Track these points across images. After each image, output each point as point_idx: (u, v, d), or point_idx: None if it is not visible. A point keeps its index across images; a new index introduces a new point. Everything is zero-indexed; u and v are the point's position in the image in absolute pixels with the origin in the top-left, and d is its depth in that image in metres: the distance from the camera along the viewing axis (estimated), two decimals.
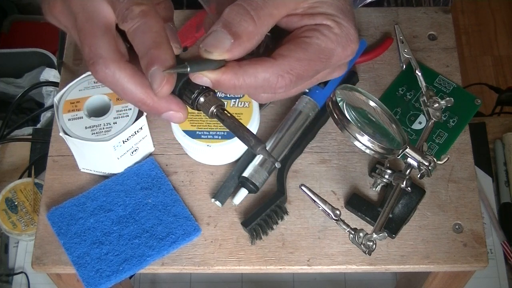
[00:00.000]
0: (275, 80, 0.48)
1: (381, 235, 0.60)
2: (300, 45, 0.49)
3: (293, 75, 0.49)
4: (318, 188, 0.70)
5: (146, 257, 0.66)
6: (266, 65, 0.48)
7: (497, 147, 0.99)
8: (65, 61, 0.79)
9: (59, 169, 0.72)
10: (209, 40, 0.47)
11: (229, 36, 0.47)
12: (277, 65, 0.48)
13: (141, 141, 0.70)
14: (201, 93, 0.50)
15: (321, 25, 0.50)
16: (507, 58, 1.86)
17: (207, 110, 0.50)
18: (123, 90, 0.49)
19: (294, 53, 0.49)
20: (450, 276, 0.71)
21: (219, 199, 0.69)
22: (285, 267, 0.66)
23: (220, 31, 0.47)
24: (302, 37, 0.49)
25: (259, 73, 0.48)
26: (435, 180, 0.70)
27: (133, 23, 0.48)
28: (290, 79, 0.49)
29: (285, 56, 0.48)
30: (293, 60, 0.48)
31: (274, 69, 0.48)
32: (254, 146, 0.49)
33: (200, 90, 0.50)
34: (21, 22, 1.53)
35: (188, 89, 0.50)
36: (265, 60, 0.48)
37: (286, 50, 0.49)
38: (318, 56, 0.49)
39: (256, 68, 0.48)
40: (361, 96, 0.64)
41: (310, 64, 0.49)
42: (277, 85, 0.49)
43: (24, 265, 0.95)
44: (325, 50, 0.50)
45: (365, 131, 0.59)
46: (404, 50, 0.75)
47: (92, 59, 0.49)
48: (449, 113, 0.74)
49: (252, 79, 0.48)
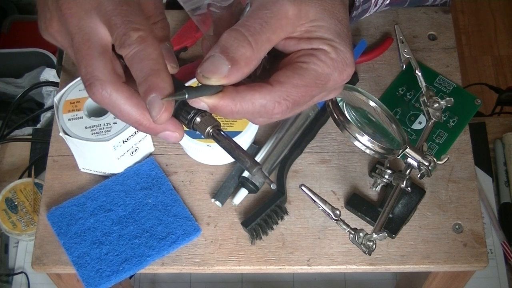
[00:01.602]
0: (272, 106, 0.48)
1: (381, 235, 0.60)
2: (297, 71, 0.49)
3: (290, 102, 0.49)
4: (318, 188, 0.70)
5: (146, 257, 0.66)
6: (264, 92, 0.48)
7: (497, 147, 0.99)
8: (65, 62, 0.79)
9: (59, 169, 0.72)
10: (207, 66, 0.47)
11: (226, 62, 0.47)
12: (274, 91, 0.48)
13: (141, 141, 0.70)
14: (197, 114, 0.50)
15: (318, 49, 0.50)
16: (507, 58, 1.85)
17: (203, 130, 0.50)
18: (120, 112, 0.49)
19: (291, 80, 0.49)
20: (450, 276, 0.71)
21: (219, 199, 0.69)
22: (285, 267, 0.66)
23: (218, 56, 0.47)
24: (299, 62, 0.49)
25: (256, 100, 0.48)
26: (435, 180, 0.70)
27: (131, 49, 0.48)
28: (287, 105, 0.49)
29: (282, 83, 0.48)
30: (290, 87, 0.48)
31: (271, 96, 0.48)
32: (250, 168, 0.49)
33: (197, 110, 0.50)
34: (21, 22, 1.53)
35: (185, 110, 0.50)
36: (262, 86, 0.48)
37: (283, 76, 0.49)
38: (314, 81, 0.49)
39: (253, 95, 0.48)
40: (361, 96, 0.64)
41: (307, 90, 0.49)
42: (274, 111, 0.49)
43: (24, 265, 0.95)
44: (322, 75, 0.50)
45: (365, 131, 0.59)
46: (404, 50, 0.75)
47: (89, 81, 0.49)
48: (449, 113, 0.74)
49: (250, 105, 0.48)
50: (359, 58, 0.76)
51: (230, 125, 0.69)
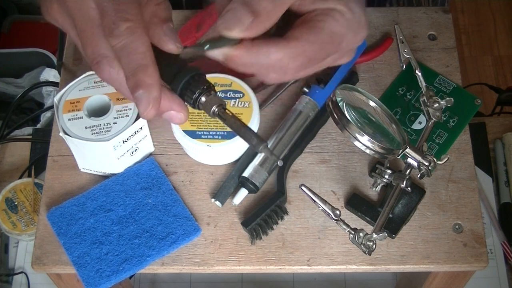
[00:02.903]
0: (287, 62, 0.48)
1: (381, 235, 0.60)
2: (312, 28, 0.49)
3: (305, 58, 0.49)
4: (318, 188, 0.70)
5: (146, 257, 0.66)
6: (280, 46, 0.48)
7: (497, 147, 0.99)
8: (65, 61, 0.79)
9: (59, 169, 0.72)
10: (229, 17, 0.47)
11: (249, 14, 0.47)
12: (290, 46, 0.48)
13: (141, 141, 0.70)
14: (203, 93, 0.50)
15: (333, 9, 0.50)
16: (507, 58, 1.85)
17: (209, 110, 0.50)
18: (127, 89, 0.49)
19: (307, 36, 0.49)
20: (450, 276, 0.71)
21: (219, 199, 0.69)
22: (285, 267, 0.66)
23: (240, 8, 0.47)
24: (315, 20, 0.49)
25: (272, 53, 0.48)
26: (435, 180, 0.70)
27: (119, 40, 0.48)
28: (302, 62, 0.49)
29: (298, 39, 0.49)
30: (305, 43, 0.49)
31: (287, 51, 0.48)
32: (256, 145, 0.49)
33: (202, 89, 0.50)
34: (21, 22, 1.53)
35: (190, 89, 0.50)
36: (279, 41, 0.48)
37: (299, 32, 0.49)
38: (329, 40, 0.50)
39: (269, 48, 0.48)
40: (361, 96, 0.64)
41: (321, 47, 0.49)
42: (288, 66, 0.49)
43: (24, 265, 0.95)
44: (337, 34, 0.50)
45: (365, 131, 0.59)
46: (404, 50, 0.75)
47: (96, 59, 0.49)
48: (449, 113, 0.74)
49: (265, 58, 0.48)
50: (359, 58, 0.76)
51: None
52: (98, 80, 0.70)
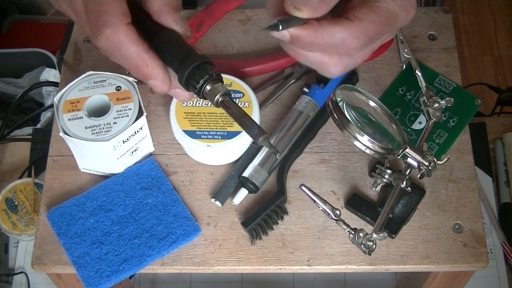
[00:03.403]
0: (351, 41, 0.50)
1: (381, 235, 0.60)
2: (371, 8, 0.51)
3: (367, 37, 0.50)
4: (318, 188, 0.70)
5: (146, 257, 0.66)
6: (344, 26, 0.49)
7: (497, 147, 0.99)
8: (65, 61, 0.78)
9: (59, 169, 0.72)
10: None
11: None
12: (354, 26, 0.50)
13: (141, 141, 0.70)
14: (208, 82, 0.50)
15: None
16: (507, 58, 1.85)
17: (213, 98, 0.50)
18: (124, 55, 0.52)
19: (368, 16, 0.50)
20: (450, 276, 0.71)
21: (219, 199, 0.69)
22: (285, 267, 0.66)
23: None
24: (372, 1, 0.51)
25: (337, 33, 0.49)
26: (435, 180, 0.70)
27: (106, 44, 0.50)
28: (364, 41, 0.50)
29: (361, 19, 0.50)
30: (367, 23, 0.50)
31: (351, 30, 0.50)
32: (256, 136, 0.49)
33: (207, 78, 0.50)
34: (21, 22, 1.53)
35: (194, 79, 0.51)
36: (343, 21, 0.50)
37: (361, 12, 0.50)
38: (387, 19, 0.51)
39: (334, 28, 0.49)
40: (361, 96, 0.64)
41: (381, 26, 0.51)
42: (351, 46, 0.50)
43: (24, 265, 0.95)
44: (394, 14, 0.52)
45: (365, 131, 0.59)
46: (404, 50, 0.75)
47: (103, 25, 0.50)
48: (449, 113, 0.74)
49: (330, 38, 0.49)
50: None
51: (230, 125, 0.69)
52: (98, 80, 0.70)
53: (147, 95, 0.76)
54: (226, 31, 0.80)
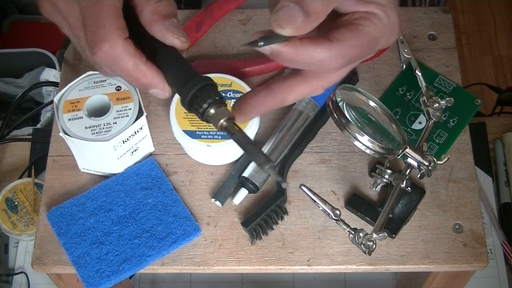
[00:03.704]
0: (329, 62, 0.50)
1: (381, 235, 0.60)
2: (354, 32, 0.51)
3: (345, 60, 0.51)
4: (318, 188, 0.70)
5: (146, 257, 0.66)
6: (325, 47, 0.50)
7: (497, 147, 0.99)
8: (65, 61, 0.79)
9: (59, 169, 0.72)
10: (283, 15, 0.48)
11: (301, 14, 0.48)
12: (334, 48, 0.50)
13: (141, 141, 0.70)
14: (212, 105, 0.49)
15: (373, 13, 0.52)
16: (507, 58, 1.85)
17: (216, 122, 0.49)
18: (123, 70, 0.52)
19: (349, 39, 0.51)
20: (450, 276, 0.71)
21: (219, 199, 0.69)
22: (285, 267, 0.66)
23: (293, 7, 0.48)
24: (356, 24, 0.51)
25: (317, 53, 0.50)
26: (435, 180, 0.70)
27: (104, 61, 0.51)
28: (342, 63, 0.51)
29: (342, 41, 0.50)
30: (348, 46, 0.51)
31: (331, 52, 0.50)
32: (263, 164, 0.48)
33: (212, 101, 0.49)
34: (21, 22, 1.53)
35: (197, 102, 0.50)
36: (324, 42, 0.50)
37: (342, 35, 0.51)
38: (368, 44, 0.52)
39: (315, 48, 0.50)
40: (361, 96, 0.64)
41: (360, 50, 0.51)
42: (329, 66, 0.51)
43: (24, 265, 0.95)
44: (374, 38, 0.52)
45: (365, 131, 0.59)
46: (404, 50, 0.75)
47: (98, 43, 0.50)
48: (449, 113, 0.74)
49: (309, 58, 0.50)
50: None
51: None
52: (98, 80, 0.70)
53: (147, 95, 0.76)
54: (226, 31, 0.81)
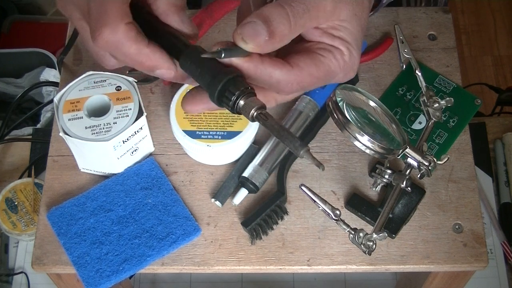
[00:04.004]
0: (284, 85, 0.51)
1: (381, 235, 0.60)
2: (315, 61, 0.52)
3: (300, 86, 0.52)
4: (318, 188, 0.70)
5: (146, 257, 0.66)
6: (284, 71, 0.51)
7: (497, 147, 0.99)
8: (65, 61, 0.78)
9: (59, 169, 0.72)
10: (248, 30, 0.49)
11: (266, 33, 0.49)
12: (292, 74, 0.51)
13: (141, 141, 0.70)
14: (241, 96, 0.50)
15: (337, 49, 0.53)
16: (507, 58, 1.85)
17: (248, 113, 0.50)
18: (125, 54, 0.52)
19: (308, 68, 0.52)
20: (450, 276, 0.71)
21: (219, 199, 0.69)
22: (285, 267, 0.66)
23: (260, 25, 0.49)
24: (318, 54, 0.52)
25: (275, 75, 0.51)
26: (435, 180, 0.70)
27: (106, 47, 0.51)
28: (296, 89, 0.52)
29: (301, 68, 0.51)
30: (306, 74, 0.52)
31: (288, 77, 0.51)
32: (298, 149, 0.48)
33: (239, 93, 0.49)
34: (21, 22, 1.53)
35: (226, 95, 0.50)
36: (283, 65, 0.51)
37: (303, 62, 0.52)
38: (325, 76, 0.53)
39: (274, 70, 0.51)
40: (361, 96, 0.64)
41: (316, 81, 0.52)
42: (284, 89, 0.52)
43: (24, 265, 0.95)
44: (332, 72, 0.53)
45: (365, 131, 0.59)
46: (404, 50, 0.75)
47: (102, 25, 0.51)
48: (449, 113, 0.74)
49: (267, 78, 0.51)
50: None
51: (230, 125, 0.69)
52: (98, 80, 0.70)
53: (147, 95, 0.76)
54: (226, 31, 0.80)
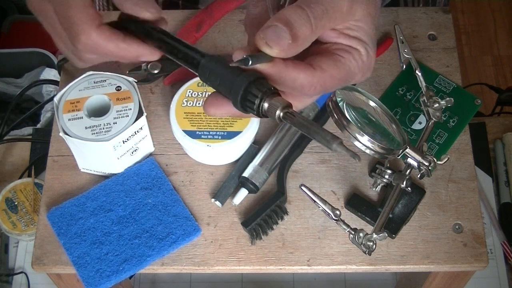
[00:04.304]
0: (308, 89, 0.51)
1: (381, 235, 0.60)
2: (336, 63, 0.52)
3: (323, 89, 0.51)
4: (318, 188, 0.70)
5: (146, 257, 0.66)
6: (307, 73, 0.50)
7: (497, 147, 0.99)
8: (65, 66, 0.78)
9: (59, 169, 0.72)
10: (271, 35, 0.49)
11: (289, 36, 0.49)
12: (315, 76, 0.51)
13: (141, 141, 0.70)
14: (264, 98, 0.49)
15: (355, 49, 0.53)
16: (507, 58, 1.85)
17: (274, 114, 0.48)
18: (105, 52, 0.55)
19: (331, 70, 0.51)
20: (450, 276, 0.71)
21: (219, 199, 0.69)
22: (285, 267, 0.66)
23: (282, 29, 0.49)
24: (338, 55, 0.52)
25: (299, 79, 0.50)
26: (435, 180, 0.70)
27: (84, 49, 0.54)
28: (320, 91, 0.52)
29: (324, 70, 0.51)
30: (328, 76, 0.51)
31: (312, 79, 0.50)
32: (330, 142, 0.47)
33: (262, 94, 0.48)
34: (21, 22, 1.53)
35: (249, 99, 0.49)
36: (307, 68, 0.50)
37: (325, 64, 0.51)
38: (346, 77, 0.52)
39: (298, 74, 0.50)
40: (361, 96, 0.64)
41: (338, 82, 0.52)
42: (307, 92, 0.51)
43: (24, 265, 0.95)
44: (352, 73, 0.53)
45: (365, 131, 0.59)
46: (404, 50, 0.75)
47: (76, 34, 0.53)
48: (449, 113, 0.74)
49: (291, 82, 0.50)
50: None
51: (230, 125, 0.69)
52: (98, 80, 0.70)
53: (147, 95, 0.76)
54: (226, 31, 0.80)
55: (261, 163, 0.69)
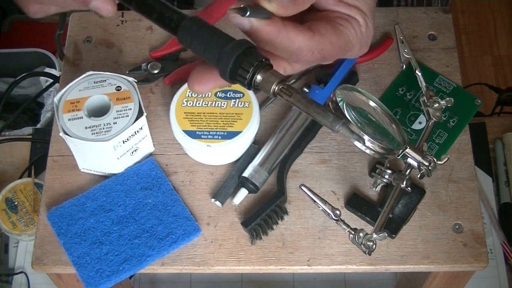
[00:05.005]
0: (305, 53, 0.49)
1: (381, 235, 0.60)
2: (336, 30, 0.50)
3: (321, 55, 0.49)
4: (318, 188, 0.70)
5: (146, 257, 0.66)
6: (306, 36, 0.48)
7: (497, 147, 0.99)
8: (65, 61, 0.78)
9: (59, 169, 0.72)
10: None
11: None
12: (314, 40, 0.48)
13: (141, 141, 0.70)
14: (257, 71, 0.44)
15: (354, 19, 0.51)
16: (507, 58, 1.85)
17: (268, 89, 0.44)
18: None
19: (330, 36, 0.49)
20: (450, 276, 0.71)
21: (219, 199, 0.69)
22: (285, 267, 0.66)
23: None
24: (337, 23, 0.50)
25: (297, 41, 0.48)
26: (435, 180, 0.70)
27: None
28: (316, 58, 0.49)
29: (323, 35, 0.49)
30: (327, 42, 0.49)
31: (311, 43, 0.48)
32: (332, 123, 0.43)
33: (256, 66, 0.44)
34: (21, 22, 1.53)
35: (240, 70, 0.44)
36: (306, 31, 0.48)
37: (325, 29, 0.49)
38: (344, 45, 0.51)
39: (297, 35, 0.48)
40: (361, 96, 0.64)
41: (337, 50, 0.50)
42: (304, 57, 0.49)
43: (24, 265, 0.95)
44: (350, 43, 0.51)
45: (365, 131, 0.59)
46: (404, 50, 0.75)
47: None
48: (449, 113, 0.74)
49: (288, 43, 0.48)
50: (359, 58, 0.76)
51: (230, 125, 0.69)
52: (98, 80, 0.70)
53: (147, 95, 0.76)
54: (226, 31, 0.80)
55: (261, 163, 0.69)
